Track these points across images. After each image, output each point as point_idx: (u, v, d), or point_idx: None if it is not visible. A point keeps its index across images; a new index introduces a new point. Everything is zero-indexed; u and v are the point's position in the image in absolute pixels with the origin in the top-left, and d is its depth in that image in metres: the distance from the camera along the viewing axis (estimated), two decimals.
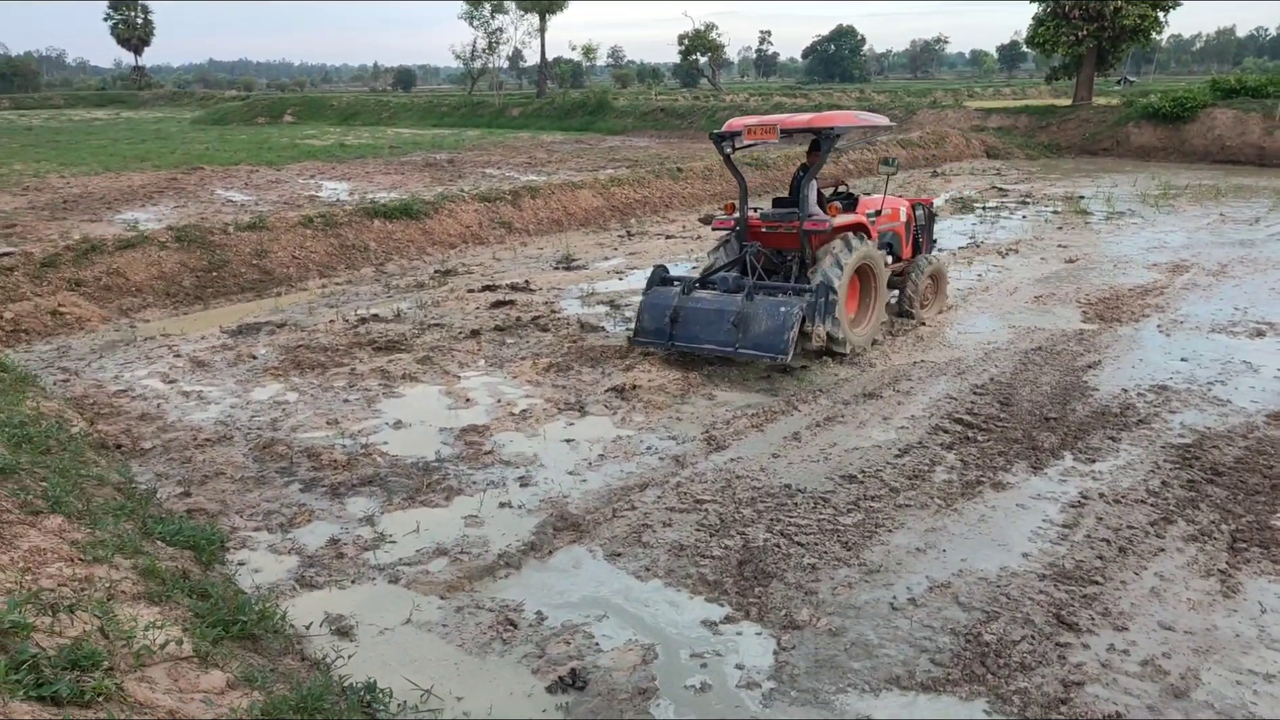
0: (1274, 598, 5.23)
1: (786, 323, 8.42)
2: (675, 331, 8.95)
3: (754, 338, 8.52)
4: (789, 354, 8.37)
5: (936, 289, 11.11)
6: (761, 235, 9.76)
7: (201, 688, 3.58)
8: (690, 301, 9.01)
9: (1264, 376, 8.98)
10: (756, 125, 9.04)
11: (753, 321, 8.56)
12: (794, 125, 9.03)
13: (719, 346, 8.72)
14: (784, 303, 8.59)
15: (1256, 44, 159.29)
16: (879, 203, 10.49)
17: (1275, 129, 29.38)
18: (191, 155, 30.07)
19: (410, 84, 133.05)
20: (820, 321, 8.70)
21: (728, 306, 8.75)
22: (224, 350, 10.10)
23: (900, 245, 10.90)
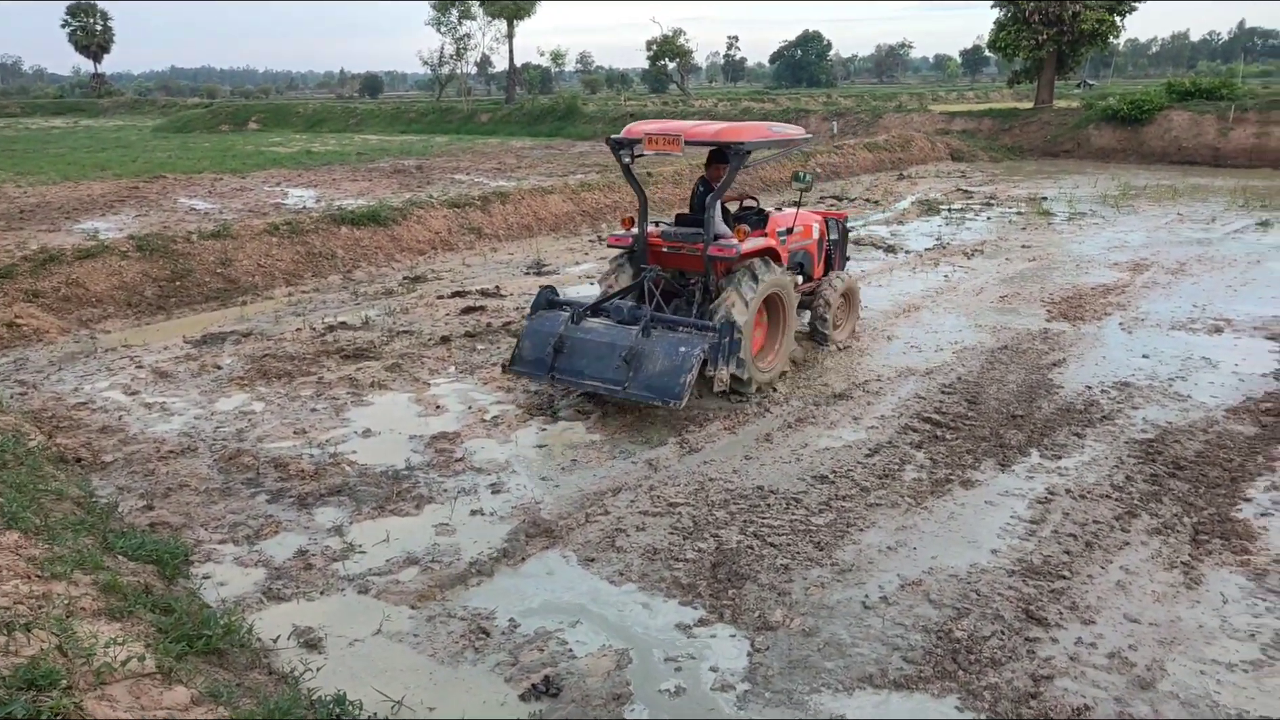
0: (1235, 588, 5.32)
1: (685, 365, 7.50)
2: (558, 363, 8.02)
3: (647, 378, 7.59)
4: (683, 399, 7.45)
5: (849, 308, 10.33)
6: (663, 256, 8.81)
7: (165, 705, 3.51)
8: (578, 331, 8.09)
9: (1222, 372, 9.14)
10: (658, 134, 8.08)
11: (647, 360, 7.64)
12: (700, 137, 8.07)
13: (605, 384, 7.77)
14: (684, 341, 7.68)
15: (1209, 48, 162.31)
16: (791, 219, 9.64)
17: (1229, 130, 29.95)
18: (153, 163, 29.66)
19: (377, 90, 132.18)
20: (724, 363, 7.81)
21: (620, 340, 7.82)
22: (188, 360, 9.96)
23: (812, 264, 10.18)
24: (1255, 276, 13.25)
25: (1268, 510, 6.26)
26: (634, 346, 7.71)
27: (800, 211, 9.79)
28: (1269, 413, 8.00)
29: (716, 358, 7.73)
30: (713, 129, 8.27)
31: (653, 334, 7.78)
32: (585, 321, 8.20)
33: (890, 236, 17.03)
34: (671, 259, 8.82)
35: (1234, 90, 33.41)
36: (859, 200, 22.28)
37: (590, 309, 8.33)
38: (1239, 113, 30.22)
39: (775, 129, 8.77)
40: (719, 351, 7.74)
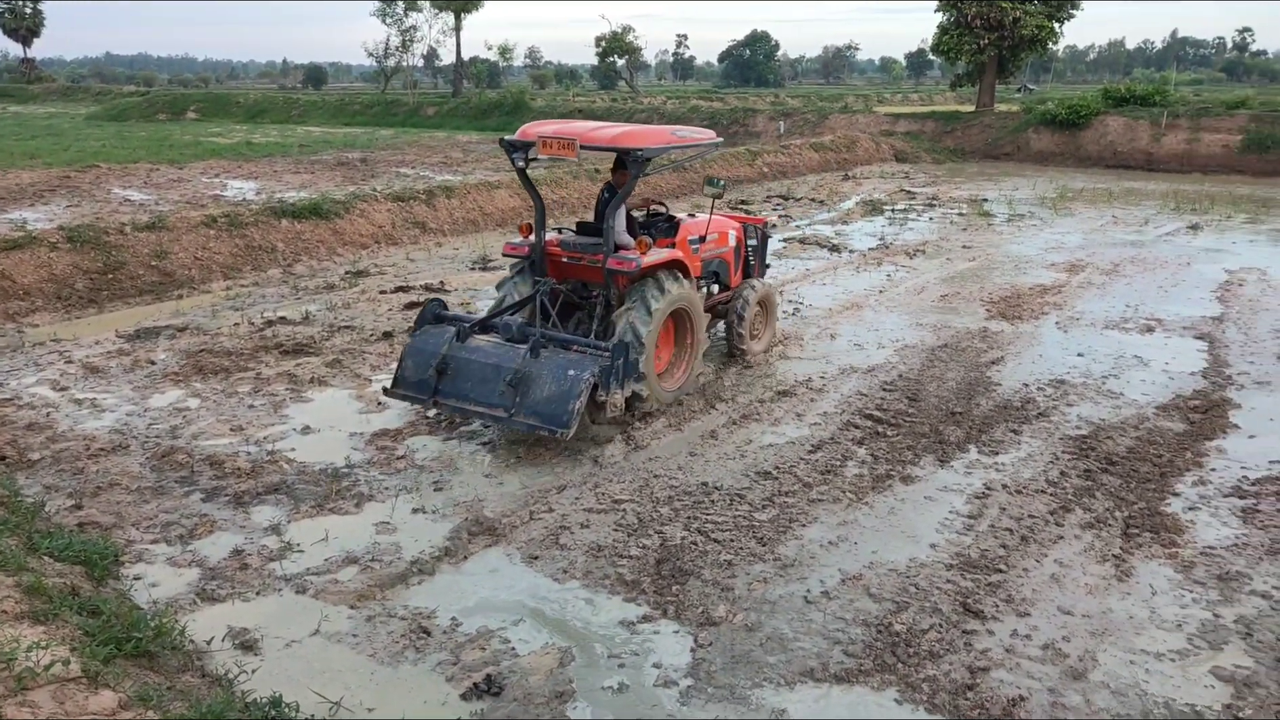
0: (1164, 580, 5.47)
1: (573, 390, 6.88)
2: (441, 385, 7.34)
3: (534, 404, 6.94)
4: (571, 428, 6.81)
5: (766, 318, 9.85)
6: (563, 266, 8.21)
7: (91, 710, 3.41)
8: (464, 350, 7.43)
9: (1154, 370, 9.39)
10: (553, 138, 7.48)
11: (534, 384, 6.99)
12: (597, 142, 7.53)
13: (490, 410, 7.11)
14: (574, 363, 7.07)
15: (1144, 55, 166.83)
16: (703, 227, 9.07)
17: (1162, 135, 30.82)
18: (86, 152, 28.81)
19: (321, 81, 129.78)
20: (617, 387, 7.23)
21: (507, 361, 7.18)
22: (120, 355, 9.69)
23: (729, 273, 9.69)
24: (1185, 278, 13.65)
25: (1195, 504, 6.45)
26: (520, 369, 7.04)
27: (715, 218, 9.32)
28: (1197, 410, 8.24)
29: (609, 380, 7.12)
30: (610, 133, 7.66)
31: (541, 355, 7.15)
32: (472, 339, 7.54)
33: (835, 236, 17.21)
34: (572, 270, 8.22)
35: (1167, 97, 34.45)
36: (804, 200, 22.49)
37: (478, 325, 7.71)
38: (1171, 119, 31.12)
39: (680, 134, 8.20)
40: (612, 374, 7.14)
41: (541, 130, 7.69)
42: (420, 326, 7.86)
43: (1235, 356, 9.82)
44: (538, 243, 8.13)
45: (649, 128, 8.11)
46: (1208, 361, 9.67)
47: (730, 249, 9.65)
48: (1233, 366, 9.48)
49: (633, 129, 7.85)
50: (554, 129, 7.71)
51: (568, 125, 7.95)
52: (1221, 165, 29.19)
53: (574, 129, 7.69)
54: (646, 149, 7.57)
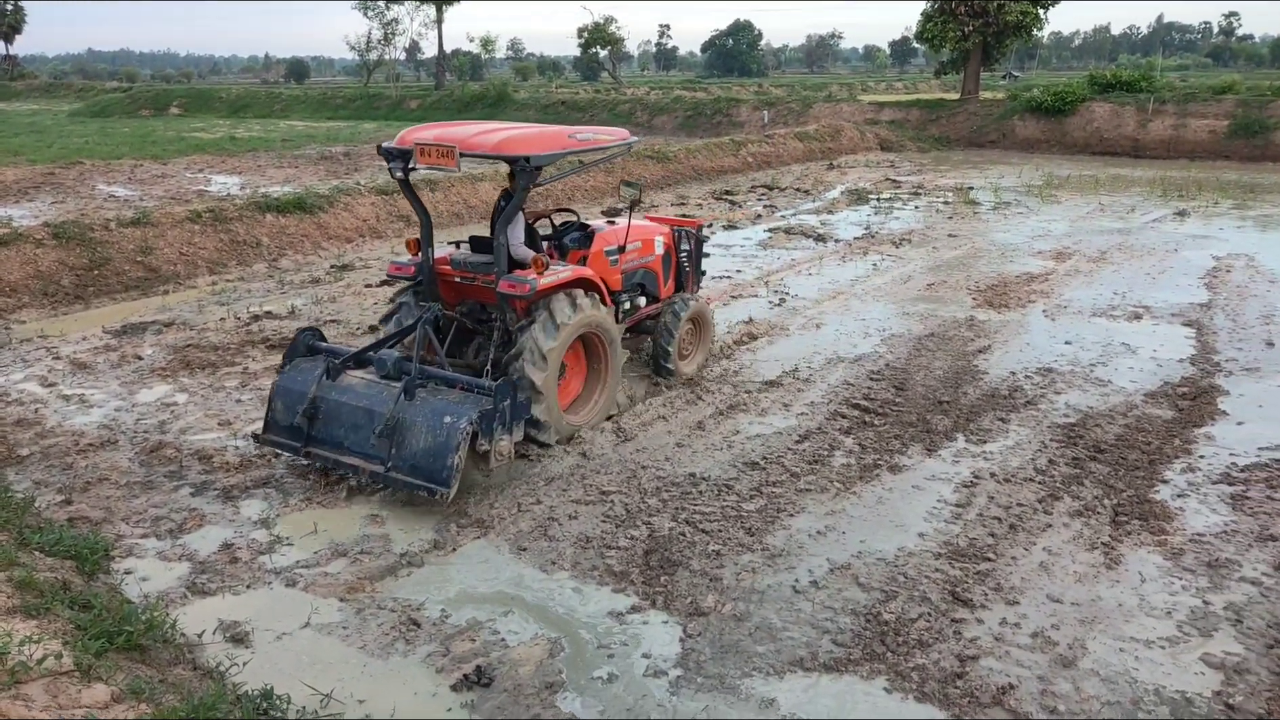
0: (1153, 568, 5.51)
1: (450, 442, 5.91)
2: (314, 431, 6.48)
3: (411, 456, 6.04)
4: (452, 487, 5.88)
5: (699, 335, 8.97)
6: (456, 287, 7.35)
7: (83, 703, 3.41)
8: (334, 391, 6.52)
9: (1141, 357, 9.44)
10: (432, 146, 6.51)
11: (409, 433, 6.07)
12: (479, 149, 6.51)
13: (366, 462, 6.21)
14: (451, 409, 6.09)
15: (1130, 41, 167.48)
16: (621, 236, 8.13)
17: (1148, 122, 30.93)
18: (70, 149, 28.62)
19: (303, 76, 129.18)
20: (503, 433, 6.22)
21: (380, 404, 6.25)
22: (107, 351, 9.64)
23: (657, 284, 8.74)
24: (1172, 265, 13.72)
25: (1184, 492, 6.49)
26: (394, 414, 6.11)
27: (638, 224, 8.40)
28: (1185, 397, 8.29)
29: (492, 426, 6.11)
30: (494, 139, 6.57)
31: (417, 397, 6.24)
32: (344, 377, 6.65)
33: (820, 226, 17.23)
34: (468, 290, 7.33)
35: (1153, 83, 34.59)
36: (789, 189, 22.50)
37: (351, 360, 6.79)
38: (1157, 105, 31.24)
39: (581, 136, 7.15)
40: (495, 419, 6.13)
41: (420, 136, 6.71)
42: (290, 360, 6.95)
43: (1223, 343, 9.88)
44: (425, 262, 7.17)
45: (543, 131, 7.10)
46: (1196, 348, 9.72)
47: (657, 257, 8.68)
48: (1221, 353, 9.53)
49: (522, 133, 6.82)
50: (434, 135, 6.69)
51: (449, 130, 6.84)
52: (1208, 151, 29.33)
53: (454, 134, 6.67)
54: (535, 156, 6.54)
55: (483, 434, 6.06)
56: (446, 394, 6.32)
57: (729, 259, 14.24)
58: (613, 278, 7.98)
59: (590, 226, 8.14)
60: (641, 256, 8.49)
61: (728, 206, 19.77)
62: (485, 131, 6.75)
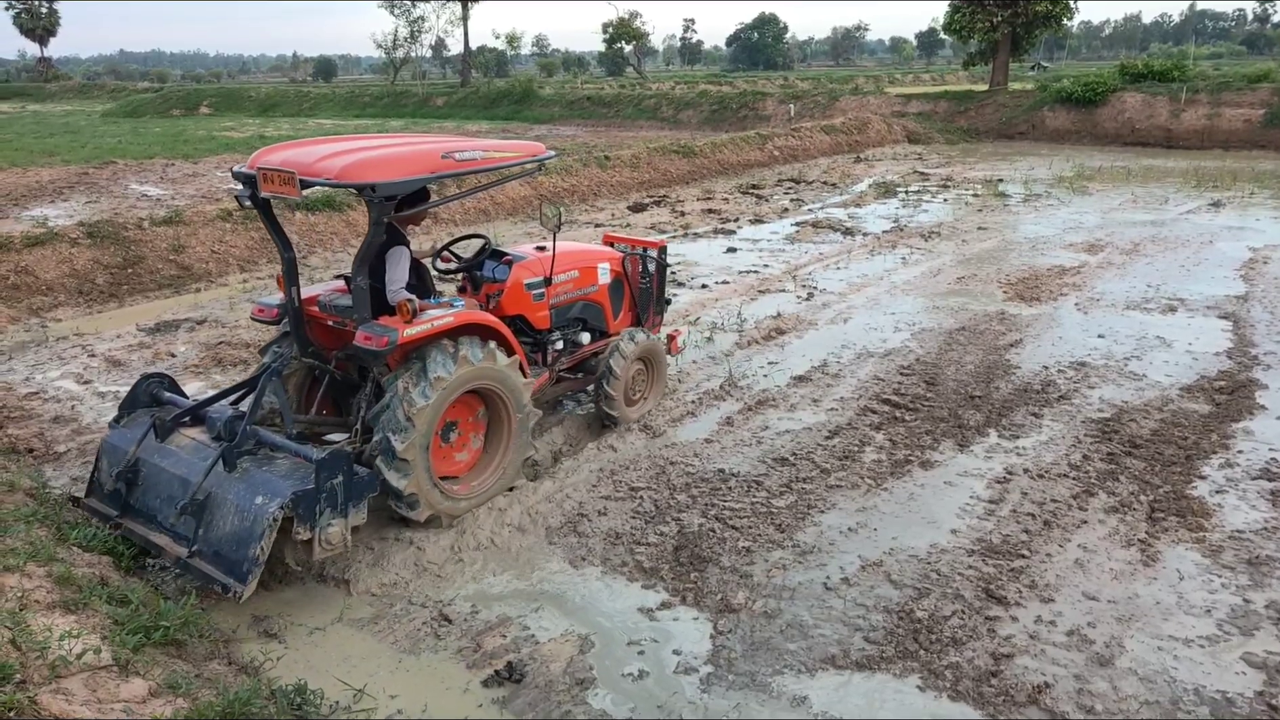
0: (1191, 565, 5.42)
1: (255, 529, 4.76)
2: (132, 499, 5.42)
3: (216, 541, 4.91)
4: (248, 585, 4.68)
5: (651, 378, 7.80)
6: (330, 331, 6.09)
7: (122, 697, 3.45)
8: (157, 454, 5.44)
9: (1176, 351, 9.30)
10: (274, 171, 5.22)
11: (219, 511, 4.95)
12: (321, 176, 5.11)
13: (173, 543, 5.09)
14: (267, 486, 4.93)
15: (1161, 30, 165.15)
16: (545, 265, 6.94)
17: (1181, 112, 30.45)
18: (103, 149, 29.00)
19: (331, 74, 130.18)
20: (333, 517, 4.97)
21: (195, 473, 5.13)
22: (141, 349, 9.76)
23: (604, 318, 7.68)
24: (1207, 257, 13.50)
25: (1222, 488, 6.38)
26: (204, 487, 5.01)
27: (574, 249, 7.51)
28: (1222, 391, 8.16)
29: (314, 511, 4.88)
30: (341, 163, 5.13)
31: (239, 468, 5.10)
32: (177, 435, 5.54)
33: (848, 219, 17.12)
34: (345, 335, 5.87)
35: (1185, 72, 33.98)
36: (816, 183, 22.38)
37: (186, 415, 5.64)
38: (1190, 95, 30.74)
39: (461, 155, 5.62)
40: (318, 501, 4.90)
41: (266, 161, 5.41)
42: (124, 414, 5.85)
43: (1261, 336, 9.71)
44: (291, 303, 5.89)
45: (407, 150, 5.55)
46: (1232, 341, 9.56)
47: (602, 287, 7.57)
48: (1259, 346, 9.36)
49: (378, 154, 5.36)
50: (279, 158, 5.37)
51: (295, 153, 5.42)
52: (1243, 141, 28.81)
53: (297, 159, 5.27)
54: (386, 184, 5.19)
55: (300, 520, 4.85)
56: (276, 465, 5.16)
57: (756, 254, 14.18)
58: (537, 314, 6.91)
59: (508, 255, 7.00)
60: (580, 287, 7.35)
61: (754, 201, 19.69)
62: (334, 154, 5.30)
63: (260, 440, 5.29)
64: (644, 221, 17.18)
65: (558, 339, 7.28)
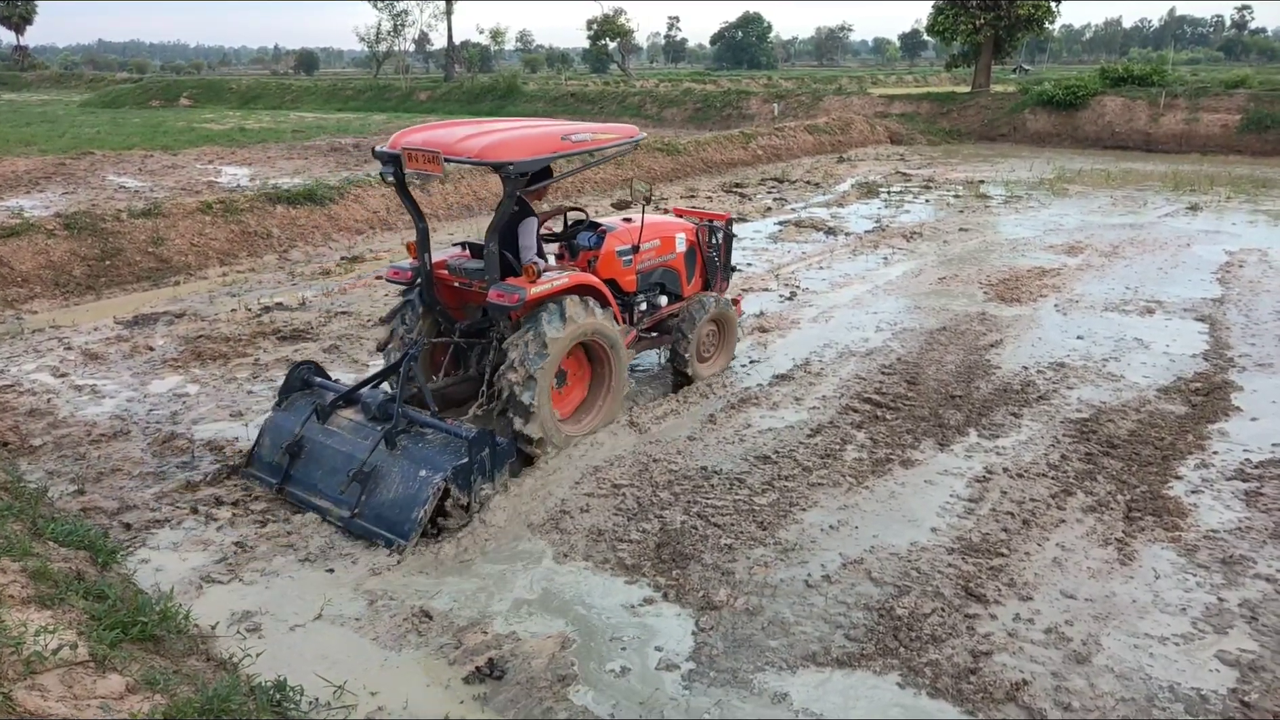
0: (1167, 564, 5.48)
1: (420, 496, 5.70)
2: (293, 470, 6.28)
3: (378, 506, 5.81)
4: (411, 540, 5.60)
5: (722, 337, 8.61)
6: (456, 292, 7.13)
7: (99, 693, 3.42)
8: (320, 433, 6.35)
9: (1154, 352, 9.39)
10: (419, 151, 6.21)
11: (383, 483, 5.87)
12: (462, 155, 6.06)
13: (334, 507, 5.96)
14: (428, 461, 5.87)
15: (1141, 35, 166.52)
16: (635, 234, 7.81)
17: (1160, 116, 30.71)
18: (81, 139, 28.70)
19: (313, 67, 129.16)
20: (483, 483, 5.99)
21: (360, 449, 6.04)
22: (119, 342, 9.67)
23: (680, 283, 8.50)
24: (1185, 259, 13.63)
25: (1198, 487, 6.45)
26: (368, 462, 5.93)
27: (655, 221, 8.19)
28: (1199, 392, 8.25)
29: (468, 480, 5.87)
30: (479, 144, 6.10)
31: (398, 445, 6.03)
32: (335, 417, 6.44)
33: (831, 219, 17.17)
34: (468, 296, 7.08)
35: (1164, 77, 34.29)
36: (800, 183, 22.43)
37: (342, 399, 6.51)
38: (1169, 99, 31.00)
39: (576, 137, 6.61)
40: (472, 471, 5.89)
41: (409, 141, 6.39)
42: (286, 396, 6.80)
43: (1236, 338, 9.82)
44: (423, 266, 6.93)
45: (534, 132, 6.54)
46: (1209, 344, 9.66)
47: (679, 255, 8.39)
48: (1234, 349, 9.48)
49: (510, 135, 6.34)
50: (422, 139, 6.35)
51: (437, 133, 6.42)
52: (1220, 145, 29.08)
53: (440, 139, 6.24)
54: (520, 162, 6.12)
55: (459, 489, 5.81)
56: (429, 441, 6.05)
57: (739, 252, 14.18)
58: (626, 278, 7.74)
59: (602, 225, 7.83)
60: (660, 255, 8.19)
61: (738, 199, 19.71)
62: (473, 135, 6.26)
63: (411, 419, 6.19)
64: None
65: (641, 301, 8.17)
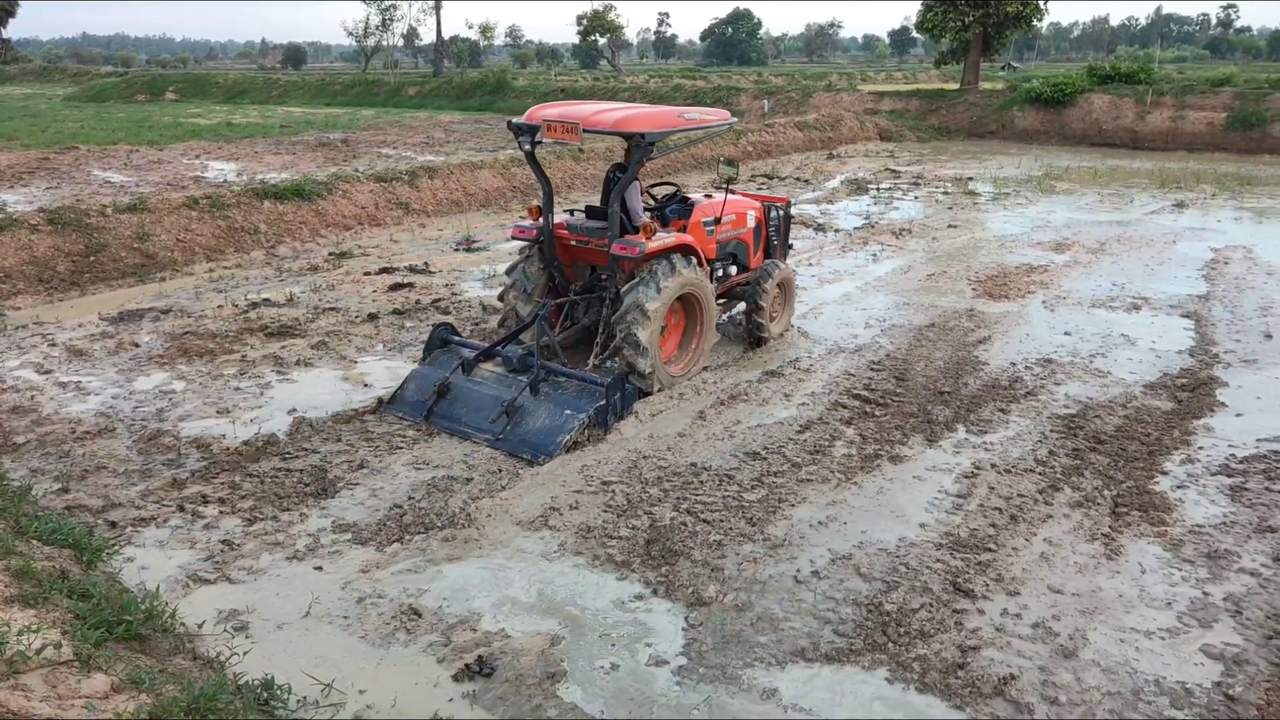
0: (1153, 559, 5.51)
1: (565, 426, 6.99)
2: (437, 407, 7.46)
3: (523, 433, 7.04)
4: (552, 456, 6.79)
5: (784, 300, 9.71)
6: (571, 249, 8.38)
7: (83, 693, 3.39)
8: (466, 380, 7.62)
9: (1140, 348, 9.44)
10: (557, 121, 7.57)
11: (529, 417, 7.13)
12: (599, 126, 7.50)
13: (479, 432, 7.16)
14: (572, 402, 7.18)
15: (1128, 33, 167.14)
16: (718, 208, 9.04)
17: (1147, 114, 30.86)
18: (65, 134, 28.46)
19: (301, 61, 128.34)
20: (615, 419, 7.27)
21: (505, 394, 7.29)
22: (104, 338, 9.60)
23: (748, 254, 9.66)
24: (1171, 256, 13.70)
25: (1183, 483, 6.49)
26: (516, 400, 7.17)
27: (733, 198, 9.27)
28: (1184, 388, 8.30)
29: (605, 418, 7.15)
30: (613, 117, 7.60)
31: (541, 392, 7.25)
32: (476, 370, 7.67)
33: (820, 215, 17.19)
34: (581, 253, 8.37)
35: (1151, 75, 34.48)
36: (789, 179, 22.44)
37: (482, 355, 7.76)
38: (1156, 97, 31.15)
39: (689, 115, 8.10)
40: (608, 411, 7.17)
41: (546, 113, 7.77)
42: (429, 353, 8.04)
43: (1222, 335, 9.88)
44: (546, 226, 8.19)
45: (655, 110, 8.00)
46: (1195, 340, 9.72)
47: (749, 230, 9.60)
48: (1219, 345, 9.53)
49: (637, 111, 7.81)
50: (558, 112, 7.76)
51: (572, 109, 7.96)
52: (1206, 143, 29.25)
53: (577, 112, 7.71)
54: (650, 133, 7.55)
55: (596, 424, 7.11)
56: (566, 387, 7.34)
57: None
58: (708, 247, 8.75)
59: (690, 199, 9.03)
60: (735, 228, 9.37)
61: None
62: (604, 110, 7.83)
63: (548, 370, 7.40)
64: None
65: (718, 268, 9.33)
